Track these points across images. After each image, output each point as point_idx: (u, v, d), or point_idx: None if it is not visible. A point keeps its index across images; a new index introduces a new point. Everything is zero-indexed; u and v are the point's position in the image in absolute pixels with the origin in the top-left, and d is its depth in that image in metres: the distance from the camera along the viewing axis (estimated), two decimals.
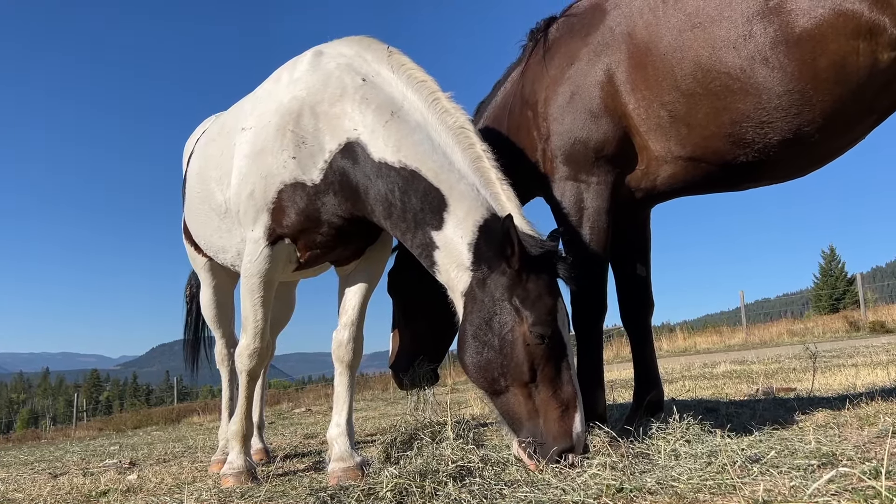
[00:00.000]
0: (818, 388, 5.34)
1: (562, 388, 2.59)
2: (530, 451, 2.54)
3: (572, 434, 2.54)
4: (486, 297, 2.67)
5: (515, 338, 2.59)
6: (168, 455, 6.11)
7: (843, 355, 9.43)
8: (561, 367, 2.62)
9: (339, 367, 3.43)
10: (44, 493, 3.86)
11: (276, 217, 3.19)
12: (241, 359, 3.45)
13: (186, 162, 4.44)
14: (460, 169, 2.83)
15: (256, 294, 3.31)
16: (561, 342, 2.64)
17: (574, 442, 2.53)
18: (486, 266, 2.68)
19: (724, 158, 3.02)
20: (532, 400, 2.59)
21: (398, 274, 4.06)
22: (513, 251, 2.59)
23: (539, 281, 2.65)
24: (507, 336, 2.61)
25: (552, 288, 2.69)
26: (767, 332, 21.08)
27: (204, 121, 4.85)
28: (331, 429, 3.36)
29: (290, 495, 2.83)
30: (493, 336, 2.63)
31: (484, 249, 2.69)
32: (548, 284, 2.67)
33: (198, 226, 4.03)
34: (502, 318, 2.63)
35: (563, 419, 2.55)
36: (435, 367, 4.05)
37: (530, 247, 2.64)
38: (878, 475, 1.83)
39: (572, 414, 2.56)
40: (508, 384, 2.61)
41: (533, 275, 2.64)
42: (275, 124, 3.15)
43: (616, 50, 3.16)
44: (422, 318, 3.89)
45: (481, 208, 2.75)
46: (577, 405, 2.58)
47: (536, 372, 2.58)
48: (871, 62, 2.63)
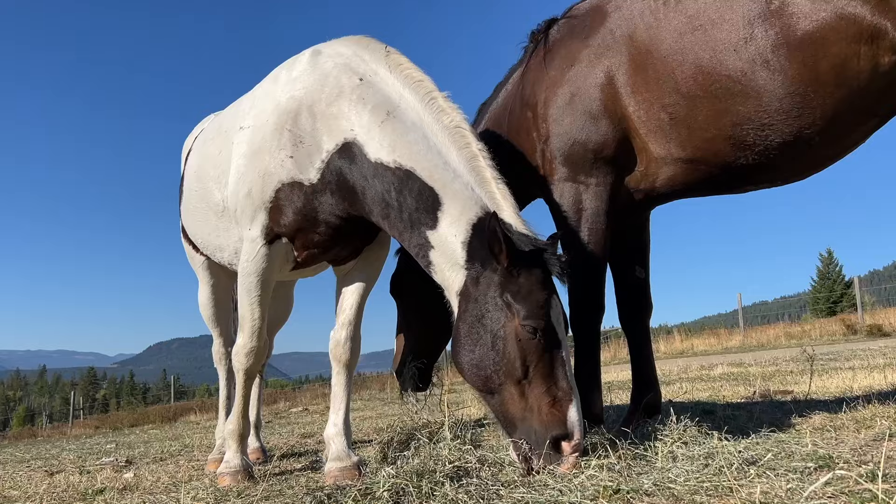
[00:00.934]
0: (815, 391, 5.35)
1: (557, 385, 2.55)
2: (524, 454, 2.50)
3: (566, 421, 2.48)
4: (479, 294, 2.66)
5: (507, 333, 2.57)
6: (165, 453, 6.10)
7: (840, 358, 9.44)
8: (556, 364, 2.58)
9: (336, 367, 3.43)
10: (40, 490, 3.85)
11: (273, 216, 3.19)
12: (238, 358, 3.45)
13: (184, 161, 4.44)
14: (455, 168, 2.82)
15: (254, 293, 3.31)
16: (555, 337, 2.62)
17: (568, 428, 2.47)
18: (479, 264, 2.67)
19: (724, 161, 3.02)
20: (526, 398, 2.56)
21: (401, 276, 4.07)
22: (500, 248, 2.58)
23: (531, 276, 2.63)
24: (500, 332, 2.59)
25: (545, 283, 2.66)
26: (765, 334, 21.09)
27: (202, 119, 4.85)
28: (328, 428, 3.36)
29: (286, 494, 2.83)
30: (485, 333, 2.62)
31: (477, 247, 2.68)
32: (540, 280, 2.65)
33: (195, 224, 4.03)
34: (494, 313, 2.61)
35: (555, 407, 2.51)
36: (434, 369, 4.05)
37: (522, 244, 2.63)
38: (875, 478, 1.83)
39: (566, 404, 2.52)
40: (502, 382, 2.58)
41: (525, 271, 2.62)
42: (272, 123, 3.16)
43: (617, 52, 3.16)
44: (424, 320, 3.90)
45: (475, 207, 2.74)
46: (572, 398, 2.54)
47: (530, 368, 2.55)
48: (872, 66, 2.63)
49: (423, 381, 3.97)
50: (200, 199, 3.84)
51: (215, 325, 4.64)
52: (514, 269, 2.61)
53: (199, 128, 4.68)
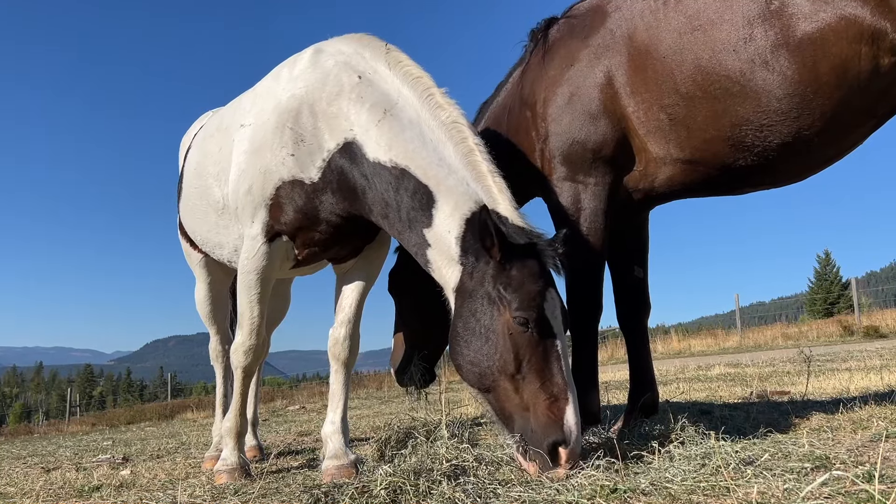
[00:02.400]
0: (812, 392, 5.36)
1: (552, 380, 2.50)
2: (524, 453, 2.46)
3: (563, 424, 2.43)
4: (473, 288, 2.64)
5: (499, 326, 2.54)
6: (161, 451, 6.09)
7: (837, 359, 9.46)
8: (551, 358, 2.53)
9: (334, 365, 3.43)
10: (36, 487, 3.85)
11: (273, 214, 3.19)
12: (237, 355, 3.45)
13: (183, 157, 4.43)
14: (451, 164, 2.81)
15: (253, 291, 3.31)
16: (549, 329, 2.57)
17: (565, 433, 2.42)
18: (473, 258, 2.66)
19: (723, 161, 3.02)
20: (521, 394, 2.51)
21: (399, 274, 4.07)
22: (492, 241, 2.55)
23: (524, 269, 2.59)
24: (492, 325, 2.56)
25: (539, 275, 2.62)
26: (762, 335, 21.12)
27: (200, 116, 4.84)
28: (325, 426, 3.36)
29: (283, 492, 2.83)
30: (478, 327, 2.59)
31: (471, 242, 2.66)
32: (534, 272, 2.61)
33: (194, 221, 4.02)
34: (486, 306, 2.58)
35: (552, 409, 2.45)
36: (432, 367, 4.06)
37: (515, 236, 2.60)
38: (871, 479, 1.84)
39: (563, 405, 2.46)
40: (496, 378, 2.54)
41: (518, 263, 2.59)
42: (273, 121, 3.16)
43: (616, 52, 3.16)
44: (422, 320, 3.90)
45: (469, 201, 2.72)
46: (568, 396, 2.48)
47: (523, 363, 2.50)
48: (872, 67, 2.64)
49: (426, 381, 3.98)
50: (200, 196, 3.83)
51: (212, 322, 4.64)
52: (507, 261, 2.58)
53: (197, 124, 4.66)
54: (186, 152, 4.31)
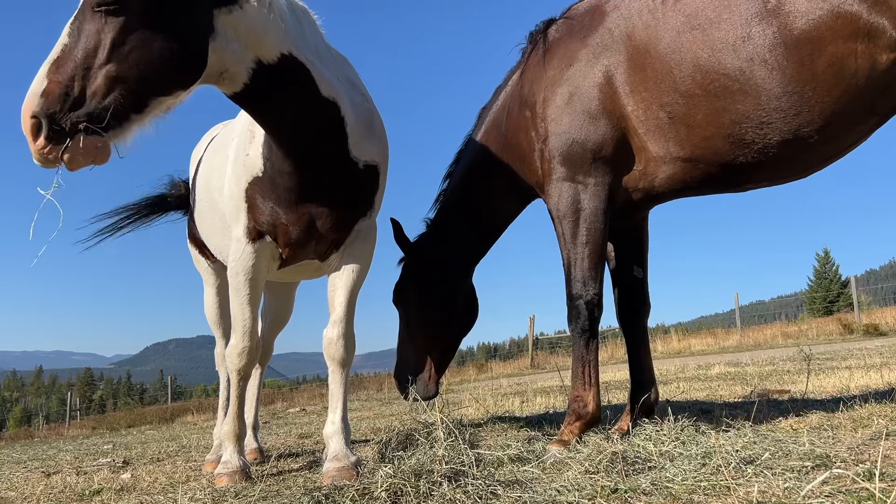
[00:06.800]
0: (812, 391, 5.36)
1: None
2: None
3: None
4: None
5: None
6: (162, 454, 6.09)
7: (836, 358, 9.45)
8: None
9: (331, 365, 3.42)
10: (37, 491, 3.84)
11: (252, 214, 3.30)
12: (231, 358, 3.46)
13: (194, 170, 4.51)
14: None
15: (243, 292, 3.35)
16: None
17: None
18: None
19: (723, 159, 3.02)
20: None
21: (403, 286, 4.09)
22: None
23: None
24: None
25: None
26: (762, 334, 21.12)
27: (211, 129, 4.87)
28: (326, 427, 3.36)
29: (284, 495, 2.82)
30: None
31: None
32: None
33: (208, 230, 4.17)
34: None
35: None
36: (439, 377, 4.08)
37: None
38: (872, 477, 1.84)
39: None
40: None
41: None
42: (240, 127, 3.40)
43: (615, 51, 3.17)
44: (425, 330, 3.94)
45: None
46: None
47: None
48: (869, 64, 2.64)
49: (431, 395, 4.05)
50: (210, 207, 3.98)
51: (219, 327, 4.69)
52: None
53: (207, 137, 4.72)
54: (197, 165, 4.41)
